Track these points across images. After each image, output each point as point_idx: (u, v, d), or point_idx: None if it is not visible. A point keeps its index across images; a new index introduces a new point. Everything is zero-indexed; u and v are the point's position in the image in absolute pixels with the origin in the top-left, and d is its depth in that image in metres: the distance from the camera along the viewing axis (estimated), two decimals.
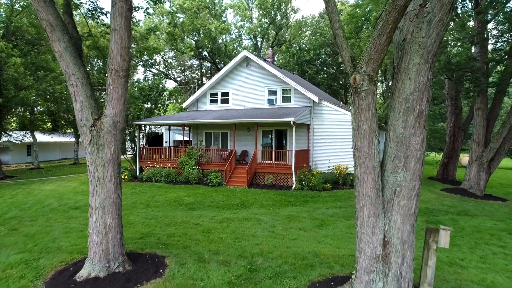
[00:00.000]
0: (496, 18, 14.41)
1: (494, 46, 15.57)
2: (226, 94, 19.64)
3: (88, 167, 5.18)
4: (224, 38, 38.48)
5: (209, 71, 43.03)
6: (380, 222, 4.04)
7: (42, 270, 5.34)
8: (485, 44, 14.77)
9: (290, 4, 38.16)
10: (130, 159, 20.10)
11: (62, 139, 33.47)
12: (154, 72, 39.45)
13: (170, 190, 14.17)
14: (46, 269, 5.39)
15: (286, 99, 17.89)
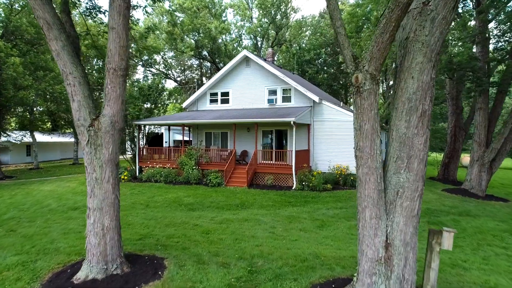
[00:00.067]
0: (497, 18, 14.34)
1: (495, 46, 15.50)
2: (226, 94, 19.56)
3: (85, 168, 5.11)
4: (224, 38, 38.41)
5: (209, 71, 42.95)
6: (382, 224, 3.96)
7: (39, 272, 5.26)
8: (486, 43, 14.69)
9: (290, 3, 38.09)
10: (129, 159, 20.03)
11: (62, 139, 33.42)
12: (153, 72, 39.41)
13: (169, 191, 14.10)
14: (43, 271, 5.32)
15: (286, 99, 17.81)
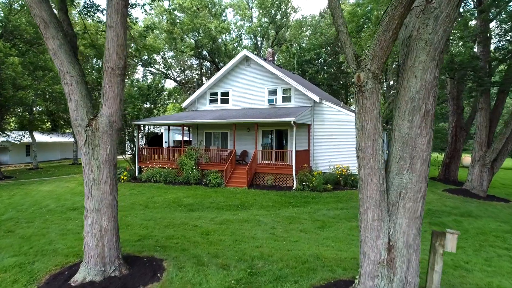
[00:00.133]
0: (498, 17, 14.26)
1: (497, 45, 15.43)
2: (226, 93, 19.47)
3: (83, 168, 5.04)
4: (224, 37, 38.33)
5: (209, 71, 42.87)
6: (384, 226, 3.89)
7: (37, 274, 5.19)
8: (488, 43, 14.61)
9: (290, 3, 38.01)
10: (129, 159, 19.97)
11: (61, 139, 33.34)
12: (153, 71, 39.31)
13: (169, 191, 14.02)
14: (41, 273, 5.25)
15: (287, 99, 17.73)
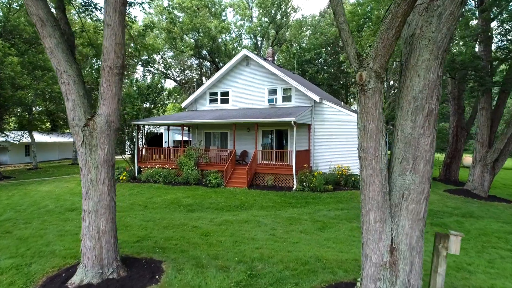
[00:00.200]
0: (500, 17, 14.18)
1: (498, 45, 15.35)
2: (225, 93, 19.40)
3: (80, 169, 4.96)
4: (224, 37, 38.25)
5: (208, 71, 42.79)
6: (387, 228, 3.82)
7: (33, 276, 5.12)
8: (489, 42, 14.54)
9: (291, 3, 37.93)
10: (128, 160, 19.89)
11: (61, 139, 33.27)
12: (153, 71, 39.21)
13: (168, 191, 13.95)
14: (38, 275, 5.17)
15: (287, 99, 17.66)
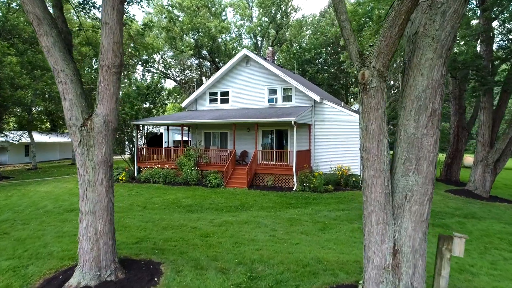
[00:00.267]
0: (501, 16, 14.10)
1: (499, 44, 15.28)
2: (225, 93, 19.32)
3: (78, 170, 4.89)
4: (223, 37, 38.17)
5: (208, 71, 42.70)
6: (389, 229, 3.75)
7: (30, 278, 5.05)
8: (490, 42, 14.46)
9: (291, 2, 37.84)
10: (128, 160, 19.82)
11: (60, 139, 33.18)
12: (152, 71, 39.14)
13: (168, 192, 13.87)
14: (35, 277, 5.10)
15: (287, 99, 17.58)
